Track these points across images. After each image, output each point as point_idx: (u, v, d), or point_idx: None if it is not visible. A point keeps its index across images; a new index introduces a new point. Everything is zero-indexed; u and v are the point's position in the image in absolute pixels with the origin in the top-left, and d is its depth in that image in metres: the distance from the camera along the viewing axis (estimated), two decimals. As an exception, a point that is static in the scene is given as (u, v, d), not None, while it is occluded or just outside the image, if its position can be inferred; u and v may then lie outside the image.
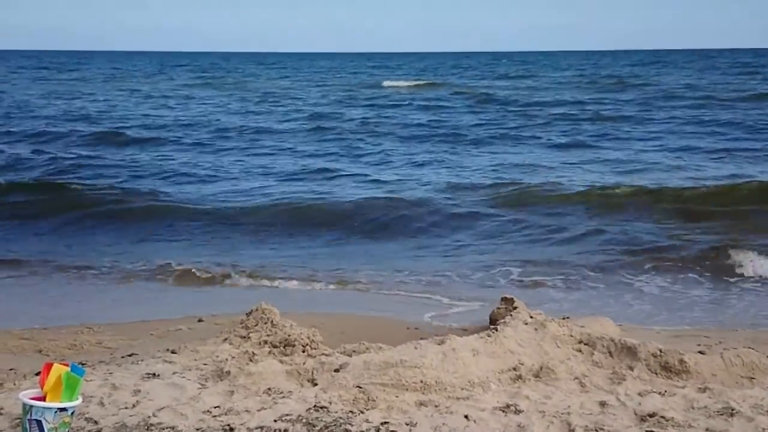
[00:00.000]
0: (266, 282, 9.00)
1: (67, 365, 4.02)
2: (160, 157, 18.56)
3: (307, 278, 9.08)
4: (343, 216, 12.08)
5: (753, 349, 5.46)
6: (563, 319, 5.90)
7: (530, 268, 9.32)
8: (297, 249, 10.55)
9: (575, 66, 75.03)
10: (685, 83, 42.49)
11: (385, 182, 15.12)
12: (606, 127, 23.89)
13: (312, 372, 4.89)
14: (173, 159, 18.43)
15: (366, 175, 16.08)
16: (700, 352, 5.51)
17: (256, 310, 6.02)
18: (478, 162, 17.68)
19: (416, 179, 15.34)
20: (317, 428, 4.20)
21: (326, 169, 16.56)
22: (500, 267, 9.41)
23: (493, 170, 16.36)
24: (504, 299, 6.94)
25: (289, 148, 20.37)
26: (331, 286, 8.85)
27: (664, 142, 20.31)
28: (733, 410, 4.40)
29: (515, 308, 6.34)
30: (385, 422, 4.28)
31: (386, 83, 48.59)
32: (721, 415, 4.37)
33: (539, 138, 21.43)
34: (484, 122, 25.89)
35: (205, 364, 5.17)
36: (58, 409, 3.87)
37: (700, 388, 4.78)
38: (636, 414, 4.39)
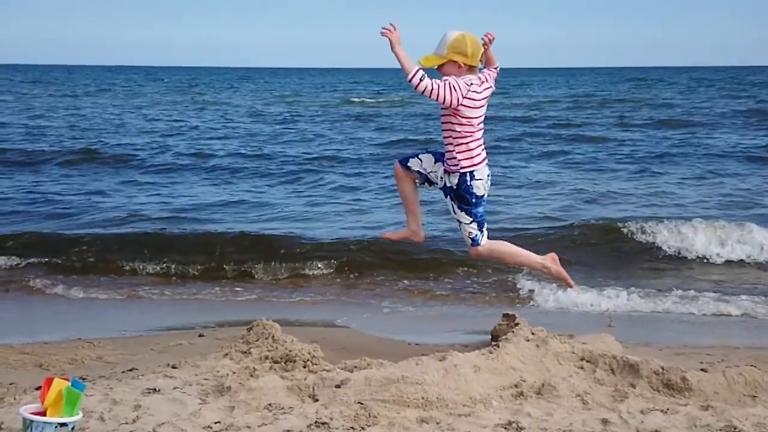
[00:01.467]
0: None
1: (67, 380, 4.02)
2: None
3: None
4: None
5: (755, 367, 5.44)
6: (565, 335, 5.89)
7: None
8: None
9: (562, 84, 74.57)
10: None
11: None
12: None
13: (313, 388, 4.88)
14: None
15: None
16: (702, 369, 5.49)
17: (257, 325, 6.01)
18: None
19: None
20: (318, 444, 4.18)
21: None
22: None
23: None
24: (505, 315, 6.93)
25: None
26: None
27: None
28: (735, 428, 4.39)
29: (517, 324, 6.33)
30: (387, 439, 4.27)
31: (354, 99, 48.76)
32: (723, 433, 4.35)
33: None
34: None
35: (205, 379, 5.15)
36: (58, 424, 3.87)
37: (702, 406, 4.76)
38: (638, 432, 4.37)
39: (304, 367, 5.44)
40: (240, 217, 13.59)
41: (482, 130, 5.24)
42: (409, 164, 5.40)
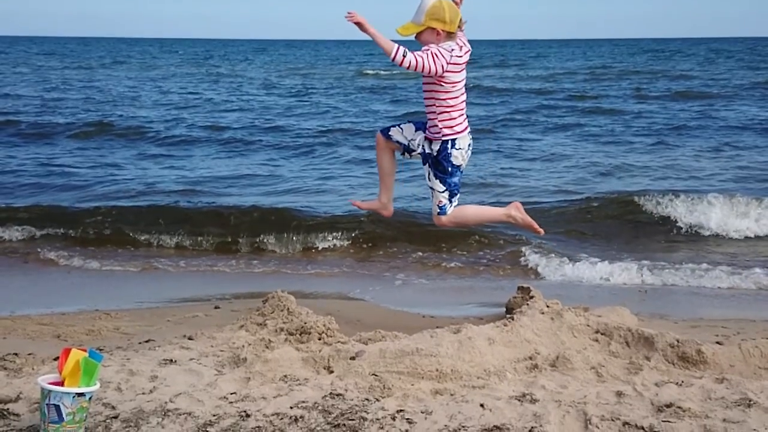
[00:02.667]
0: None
1: (85, 351, 4.05)
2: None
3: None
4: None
5: (771, 340, 5.42)
6: (580, 308, 5.88)
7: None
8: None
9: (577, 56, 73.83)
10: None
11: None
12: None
13: (328, 359, 4.90)
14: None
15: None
16: (717, 342, 5.48)
17: (272, 297, 6.04)
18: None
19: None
20: (333, 415, 4.21)
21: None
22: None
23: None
24: (520, 288, 6.94)
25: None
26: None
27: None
28: (750, 401, 4.38)
29: (531, 297, 6.34)
30: (401, 410, 4.28)
31: (368, 71, 48.49)
32: (738, 405, 4.34)
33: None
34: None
35: (221, 351, 5.19)
36: (76, 394, 3.90)
37: (717, 379, 4.75)
38: (653, 404, 4.37)
39: (319, 339, 5.47)
40: (254, 190, 13.62)
41: (464, 95, 5.17)
42: (390, 133, 5.36)
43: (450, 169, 5.17)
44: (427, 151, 5.21)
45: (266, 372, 4.73)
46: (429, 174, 5.26)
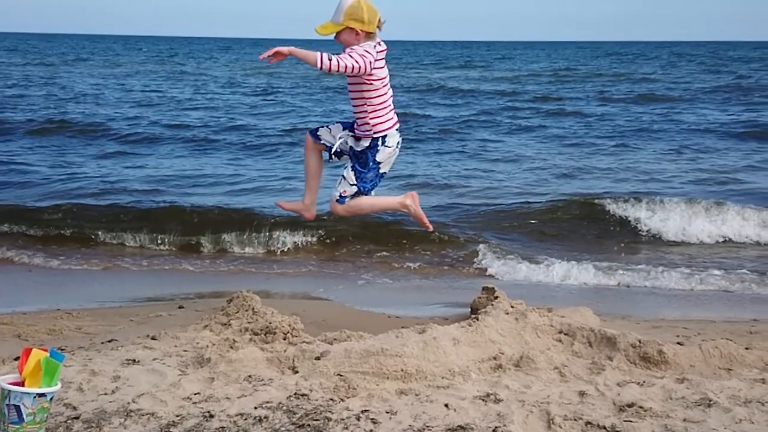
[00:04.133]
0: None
1: (46, 350, 4.00)
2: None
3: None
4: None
5: (731, 340, 5.51)
6: (544, 309, 5.93)
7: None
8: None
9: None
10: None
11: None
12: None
13: (293, 360, 4.88)
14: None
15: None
16: (678, 343, 5.55)
17: (237, 297, 6.01)
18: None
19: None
20: (297, 416, 4.20)
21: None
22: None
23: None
24: (485, 289, 6.97)
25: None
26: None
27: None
28: (710, 401, 4.44)
29: (496, 298, 6.38)
30: (366, 410, 4.29)
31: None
32: (698, 405, 4.41)
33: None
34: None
35: (185, 351, 5.15)
36: (36, 394, 3.85)
37: (678, 379, 4.81)
38: (615, 404, 4.42)
39: (284, 339, 5.45)
40: (218, 189, 13.53)
41: (391, 90, 5.15)
42: (319, 134, 5.35)
43: (370, 163, 5.15)
44: (350, 144, 5.20)
45: (230, 372, 4.71)
46: (348, 165, 5.25)
